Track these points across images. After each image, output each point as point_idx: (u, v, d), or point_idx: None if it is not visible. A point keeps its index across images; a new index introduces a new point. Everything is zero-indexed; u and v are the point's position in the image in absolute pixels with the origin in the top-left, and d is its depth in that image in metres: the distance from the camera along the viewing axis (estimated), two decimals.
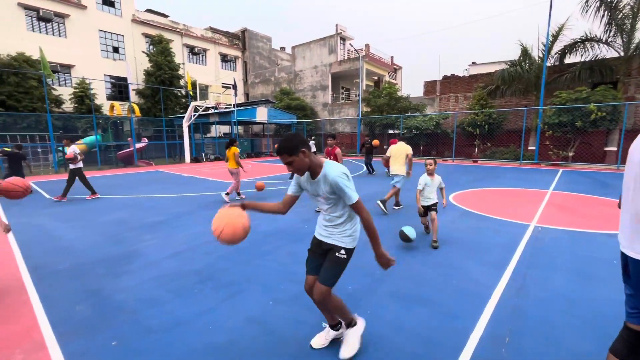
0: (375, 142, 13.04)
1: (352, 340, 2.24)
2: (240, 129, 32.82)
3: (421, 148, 21.05)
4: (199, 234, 5.04)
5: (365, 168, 13.79)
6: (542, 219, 5.61)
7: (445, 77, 22.79)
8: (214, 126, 26.91)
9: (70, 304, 3.00)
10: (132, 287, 3.31)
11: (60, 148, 15.78)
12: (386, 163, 7.16)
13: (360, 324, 2.33)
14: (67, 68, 22.70)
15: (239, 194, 7.78)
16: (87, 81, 20.93)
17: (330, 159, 5.56)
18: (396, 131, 21.86)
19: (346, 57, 28.43)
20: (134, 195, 8.53)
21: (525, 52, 17.55)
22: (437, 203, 4.57)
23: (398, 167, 6.46)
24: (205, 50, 31.03)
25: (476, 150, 19.17)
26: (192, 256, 4.14)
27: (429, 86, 23.36)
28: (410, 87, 64.51)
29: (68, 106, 21.32)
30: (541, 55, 16.94)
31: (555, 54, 17.05)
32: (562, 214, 5.95)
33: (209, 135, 28.78)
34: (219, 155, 21.42)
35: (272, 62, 37.12)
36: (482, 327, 2.51)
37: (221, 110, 19.89)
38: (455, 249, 4.28)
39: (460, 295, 3.05)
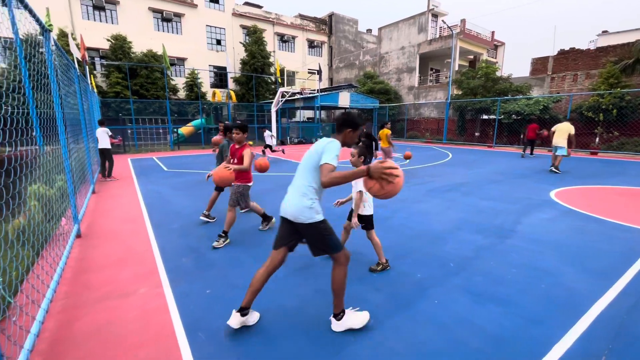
0: (544, 132, 12.31)
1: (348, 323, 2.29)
2: (323, 113, 33.67)
3: (522, 136, 18.37)
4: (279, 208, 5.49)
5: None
6: None
7: (562, 52, 19.12)
8: (298, 111, 28.23)
9: (178, 256, 3.68)
10: (222, 249, 3.86)
11: (175, 130, 18.75)
12: (549, 136, 9.66)
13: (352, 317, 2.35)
14: (181, 61, 26.46)
15: None
16: (196, 71, 24.08)
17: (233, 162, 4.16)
18: (492, 116, 19.51)
19: (437, 36, 26.20)
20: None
21: None
22: (371, 216, 3.28)
23: (561, 140, 9.01)
24: (293, 38, 32.34)
25: (597, 140, 15.86)
26: (275, 228, 4.57)
27: (539, 64, 19.98)
28: (513, 66, 55.88)
29: (181, 94, 24.99)
30: None
31: None
32: None
33: (293, 119, 30.36)
34: (303, 138, 22.49)
35: (357, 45, 36.62)
36: (572, 340, 2.21)
37: (306, 96, 20.70)
38: (550, 250, 3.77)
39: (547, 301, 2.71)
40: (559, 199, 6.14)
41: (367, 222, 3.24)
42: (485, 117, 20.49)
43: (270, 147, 12.74)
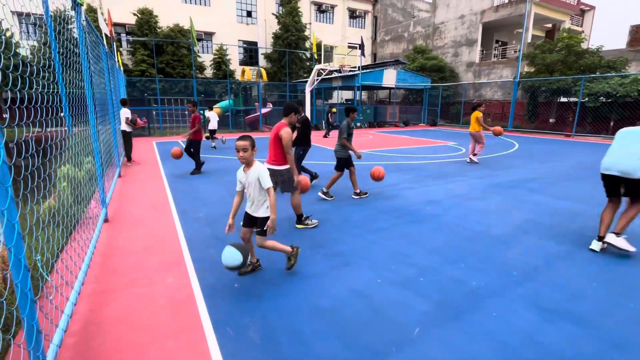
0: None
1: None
2: (364, 95, 33.24)
3: (611, 124, 16.84)
4: (313, 202, 5.59)
5: None
6: None
7: None
8: (336, 92, 28.12)
9: (204, 246, 3.89)
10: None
11: (201, 112, 19.58)
12: None
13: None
14: (209, 35, 27.37)
15: (474, 154, 9.32)
16: (224, 47, 24.81)
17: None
18: (572, 99, 18.06)
19: (506, 0, 24.57)
20: (260, 159, 9.98)
21: None
22: (265, 218, 3.06)
23: None
24: (332, 7, 32.03)
25: None
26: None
27: (639, 32, 18.06)
28: (605, 36, 50.71)
29: (208, 72, 25.93)
30: None
31: None
32: None
33: (330, 101, 30.32)
34: (339, 123, 22.42)
35: (407, 14, 35.45)
36: None
37: (345, 74, 20.55)
38: None
39: (636, 324, 2.52)
40: None
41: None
42: (563, 99, 19.00)
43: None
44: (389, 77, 23.01)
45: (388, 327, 2.47)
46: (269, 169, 4.26)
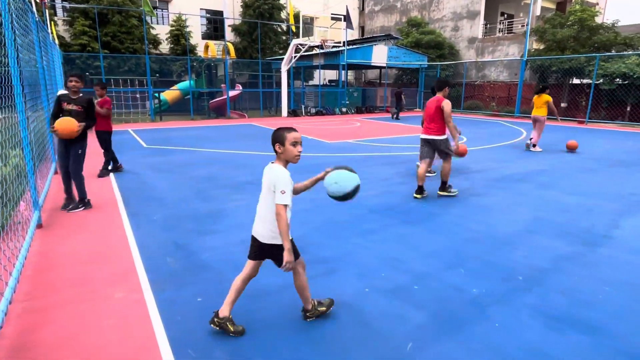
0: None
1: None
2: (350, 75, 33.38)
3: (628, 109, 17.54)
4: (293, 200, 5.59)
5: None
6: None
7: None
8: (317, 71, 28.10)
9: (162, 254, 3.85)
10: (218, 247, 4.01)
11: (156, 95, 19.17)
12: None
13: None
14: (164, 3, 26.78)
15: (534, 145, 9.94)
16: (183, 17, 24.34)
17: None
18: (586, 80, 18.68)
19: None
20: (224, 151, 9.91)
21: None
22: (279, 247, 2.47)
23: None
24: None
25: None
26: None
27: None
28: (622, 11, 52.63)
29: (164, 47, 25.40)
30: None
31: None
32: None
33: (311, 83, 30.29)
34: (323, 108, 22.43)
35: None
36: None
37: (327, 50, 20.56)
38: None
39: None
40: None
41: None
42: (576, 81, 19.65)
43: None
44: (380, 54, 23.16)
45: (378, 343, 2.51)
46: (430, 140, 5.83)
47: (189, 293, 3.12)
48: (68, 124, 4.76)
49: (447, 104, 5.56)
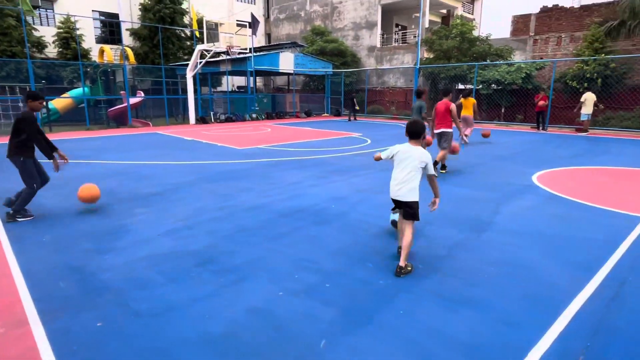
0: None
1: None
2: (259, 81, 33.17)
3: (502, 110, 20.04)
4: (200, 210, 5.37)
5: None
6: None
7: (545, 10, 21.07)
8: (225, 77, 27.42)
9: (53, 279, 3.41)
10: (119, 265, 3.68)
11: (44, 103, 17.04)
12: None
13: None
14: (48, 2, 23.98)
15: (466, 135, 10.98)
16: (73, 19, 22.03)
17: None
18: (468, 86, 20.93)
19: None
20: (125, 162, 9.12)
21: None
22: (415, 202, 3.56)
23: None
24: None
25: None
26: (191, 235, 4.45)
27: (520, 23, 21.84)
28: (493, 24, 60.13)
29: (51, 51, 22.73)
30: None
31: None
32: None
33: (219, 89, 29.46)
34: (233, 115, 21.92)
35: None
36: (550, 342, 2.52)
37: (234, 57, 20.16)
38: (531, 243, 4.22)
39: (527, 301, 3.05)
40: (541, 183, 6.87)
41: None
42: (461, 86, 21.91)
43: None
44: (286, 61, 23.39)
45: (292, 345, 2.51)
46: (441, 132, 7.43)
47: (87, 318, 2.81)
48: None
49: (453, 107, 7.32)
